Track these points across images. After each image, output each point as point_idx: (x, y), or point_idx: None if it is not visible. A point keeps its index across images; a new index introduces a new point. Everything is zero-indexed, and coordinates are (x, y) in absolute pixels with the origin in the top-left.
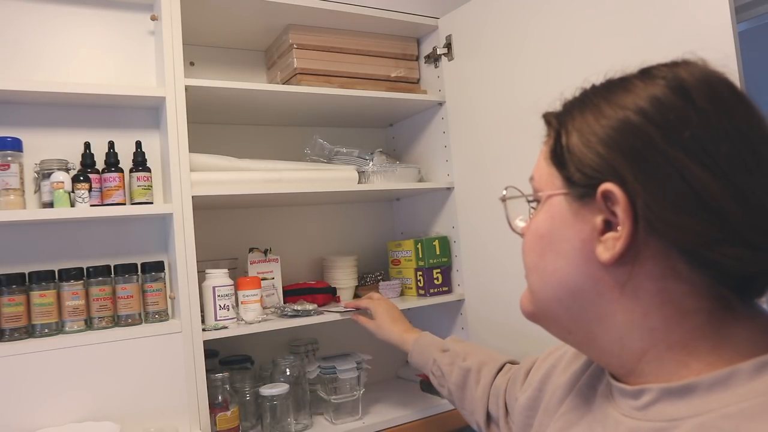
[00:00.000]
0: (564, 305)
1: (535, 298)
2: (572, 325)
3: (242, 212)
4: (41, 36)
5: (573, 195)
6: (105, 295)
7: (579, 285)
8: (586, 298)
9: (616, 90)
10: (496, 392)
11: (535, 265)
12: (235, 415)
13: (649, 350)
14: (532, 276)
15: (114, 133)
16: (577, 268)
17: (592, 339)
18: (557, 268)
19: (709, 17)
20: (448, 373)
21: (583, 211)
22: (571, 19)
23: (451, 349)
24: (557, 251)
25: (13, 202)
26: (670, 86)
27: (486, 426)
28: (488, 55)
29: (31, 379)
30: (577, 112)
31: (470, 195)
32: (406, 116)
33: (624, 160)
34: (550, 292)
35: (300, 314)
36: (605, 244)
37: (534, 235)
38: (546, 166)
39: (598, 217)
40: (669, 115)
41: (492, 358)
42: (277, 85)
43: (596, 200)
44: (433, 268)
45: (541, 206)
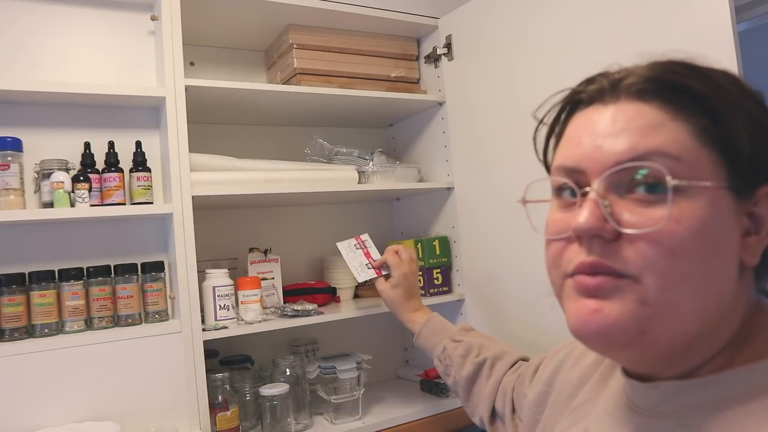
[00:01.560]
0: (707, 320)
1: (669, 318)
2: (684, 343)
3: (242, 212)
4: (41, 36)
5: (737, 190)
6: (105, 295)
7: (727, 293)
8: (724, 308)
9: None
10: (504, 389)
11: (700, 271)
12: (235, 415)
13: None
14: (683, 287)
15: (114, 133)
16: (731, 274)
17: (683, 354)
18: (722, 274)
19: (709, 17)
20: (459, 365)
21: (739, 210)
22: (571, 18)
23: (464, 340)
24: (723, 254)
25: (13, 202)
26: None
27: (490, 422)
28: (488, 55)
29: (31, 379)
30: (735, 90)
31: (470, 195)
32: (406, 116)
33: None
34: (703, 305)
35: (300, 314)
36: (749, 248)
37: (697, 234)
38: (698, 148)
39: (745, 218)
40: None
41: (505, 353)
42: (277, 85)
43: (755, 198)
44: (433, 268)
45: (698, 197)
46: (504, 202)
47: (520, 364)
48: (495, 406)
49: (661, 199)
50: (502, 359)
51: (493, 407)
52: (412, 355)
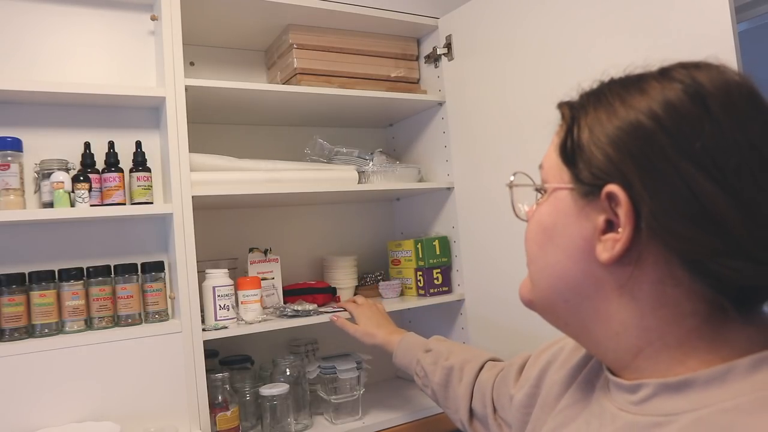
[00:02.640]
0: (562, 297)
1: (535, 288)
2: (569, 317)
3: (242, 212)
4: (41, 36)
5: (579, 191)
6: (105, 295)
7: (577, 281)
8: (583, 294)
9: (631, 89)
10: (482, 389)
11: (536, 255)
12: (235, 415)
13: (644, 348)
14: (533, 266)
15: (114, 133)
16: (577, 264)
17: (588, 332)
18: (557, 261)
19: (709, 17)
20: (431, 372)
21: (588, 209)
22: (571, 18)
23: (434, 348)
24: (558, 245)
25: (13, 202)
26: (687, 92)
27: (469, 423)
28: (488, 54)
29: (31, 379)
30: (591, 107)
31: (470, 195)
32: (406, 116)
33: (632, 164)
34: (549, 283)
35: (300, 314)
36: (605, 244)
37: (538, 225)
38: (555, 158)
39: (601, 217)
40: (682, 123)
41: (474, 356)
42: (277, 85)
43: (600, 200)
44: (433, 268)
45: (546, 197)
46: (504, 201)
47: (492, 364)
48: (473, 407)
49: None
50: (470, 362)
51: (471, 408)
52: None
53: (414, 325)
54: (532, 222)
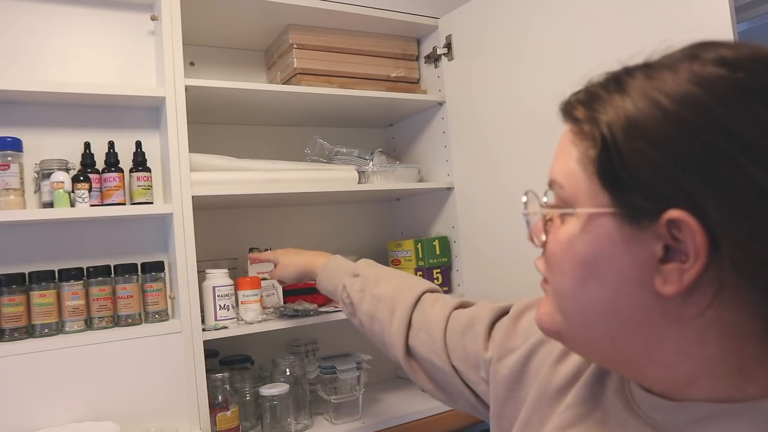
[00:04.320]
0: (607, 336)
1: (569, 324)
2: (612, 354)
3: (242, 212)
4: (41, 36)
5: (625, 216)
6: (105, 295)
7: (628, 316)
8: (634, 329)
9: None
10: (427, 328)
11: (573, 291)
12: (235, 415)
13: (701, 376)
14: (567, 303)
15: (114, 133)
16: (628, 298)
17: (632, 365)
18: (603, 296)
19: (709, 17)
20: (358, 301)
21: (639, 236)
22: (571, 18)
23: (362, 273)
24: (604, 279)
25: (13, 202)
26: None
27: (406, 360)
28: (488, 54)
29: (31, 379)
30: (617, 109)
31: (470, 195)
32: (406, 116)
33: (700, 184)
34: (590, 320)
35: (300, 314)
36: (666, 276)
37: (570, 257)
38: (584, 176)
39: (658, 244)
40: (752, 125)
41: (407, 285)
42: (277, 85)
43: (658, 225)
44: (433, 268)
45: (575, 223)
46: (504, 202)
47: (432, 297)
48: (410, 344)
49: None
50: (404, 292)
51: (407, 345)
52: None
53: None
54: (557, 251)
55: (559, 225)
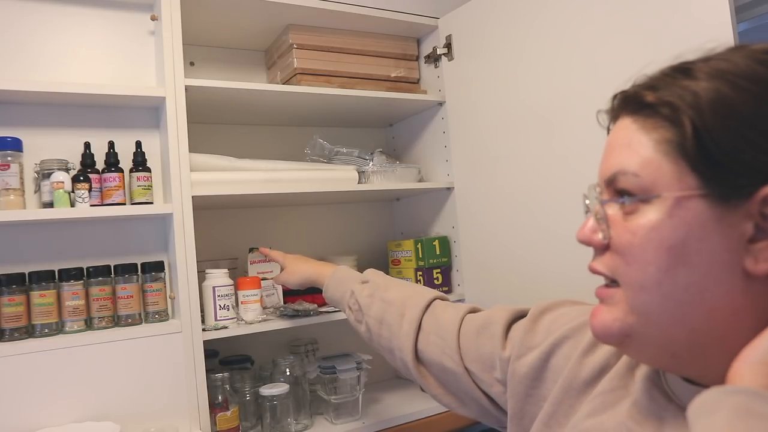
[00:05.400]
0: (688, 327)
1: (646, 321)
2: (685, 349)
3: (242, 212)
4: (41, 36)
5: (716, 197)
6: (105, 295)
7: (716, 302)
8: (717, 316)
9: (748, 60)
10: (437, 330)
11: (657, 282)
12: (235, 415)
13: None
14: (647, 295)
15: (114, 133)
16: (718, 283)
17: (699, 359)
18: (693, 283)
19: (709, 17)
20: (367, 305)
21: (730, 217)
22: (571, 19)
23: (371, 280)
24: (693, 264)
25: (13, 202)
26: None
27: (415, 365)
28: (488, 54)
29: (31, 379)
30: (701, 92)
31: (470, 195)
32: (406, 116)
33: None
34: (677, 313)
35: (300, 314)
36: (758, 254)
37: (655, 245)
38: (665, 161)
39: (749, 223)
40: None
41: (417, 292)
42: (277, 85)
43: (750, 203)
44: (433, 268)
45: (658, 210)
46: (504, 201)
47: (443, 304)
48: (419, 347)
49: (626, 212)
50: (413, 297)
51: (417, 349)
52: None
53: None
54: (635, 242)
55: (628, 216)
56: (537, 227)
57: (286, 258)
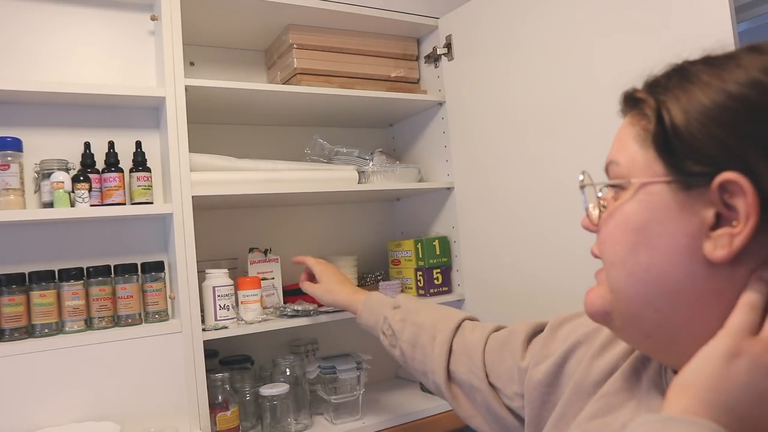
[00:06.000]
0: (653, 306)
1: (617, 297)
2: (655, 329)
3: (242, 212)
4: (41, 36)
5: (679, 183)
6: (105, 295)
7: (676, 285)
8: (680, 299)
9: (724, 65)
10: (467, 351)
11: (623, 260)
12: (235, 415)
13: None
14: (616, 272)
15: (114, 133)
16: (678, 266)
17: (672, 343)
18: (652, 263)
19: (709, 17)
20: (400, 330)
21: (691, 202)
22: (571, 18)
23: (403, 305)
24: (654, 246)
25: (13, 202)
26: None
27: (447, 386)
28: (488, 54)
29: (31, 379)
30: (678, 89)
31: (470, 195)
32: (406, 116)
33: (752, 146)
34: (638, 290)
35: (300, 314)
36: (717, 241)
37: (623, 225)
38: (640, 150)
39: (709, 210)
40: None
41: (447, 315)
42: (277, 85)
43: (710, 191)
44: (433, 268)
45: (630, 195)
46: (504, 201)
47: (471, 324)
48: (451, 368)
49: (614, 198)
50: (443, 320)
51: (449, 370)
52: None
53: None
54: (611, 223)
55: (614, 201)
56: (537, 227)
57: (323, 273)
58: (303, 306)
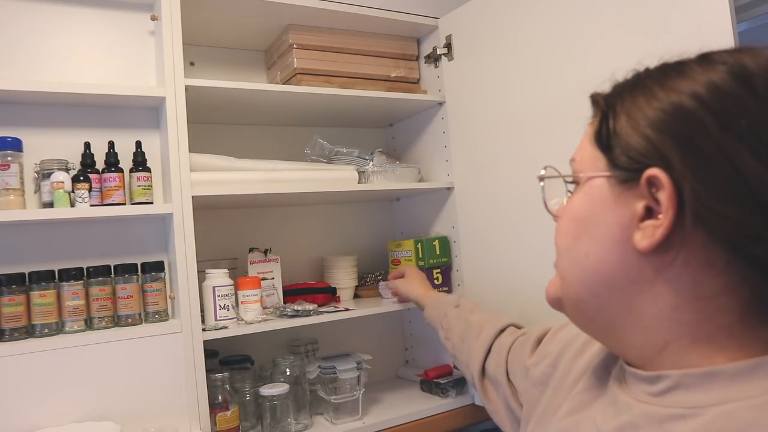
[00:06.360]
0: (593, 292)
1: (564, 284)
2: (597, 314)
3: (242, 212)
4: (41, 36)
5: (616, 178)
6: (105, 295)
7: (611, 271)
8: (616, 286)
9: (671, 74)
10: (499, 350)
11: (568, 248)
12: (235, 415)
13: (672, 343)
14: (563, 260)
15: (114, 133)
16: (612, 254)
17: (613, 328)
18: (591, 252)
19: (709, 17)
20: (455, 325)
21: (625, 196)
22: (571, 18)
23: (462, 305)
24: (593, 235)
25: (13, 202)
26: (731, 72)
27: (480, 380)
28: (488, 54)
29: (31, 379)
30: (627, 94)
31: (470, 195)
32: (406, 116)
33: (673, 146)
34: (580, 277)
35: (300, 314)
36: (644, 231)
37: (570, 217)
38: (590, 148)
39: (640, 203)
40: (726, 102)
41: (497, 318)
42: (277, 85)
43: (640, 185)
44: (433, 268)
45: (579, 188)
46: (504, 201)
47: (513, 329)
48: (486, 365)
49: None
50: (491, 321)
51: (484, 367)
52: (412, 355)
53: (414, 325)
54: (564, 215)
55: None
56: (537, 227)
57: (410, 270)
58: (303, 306)
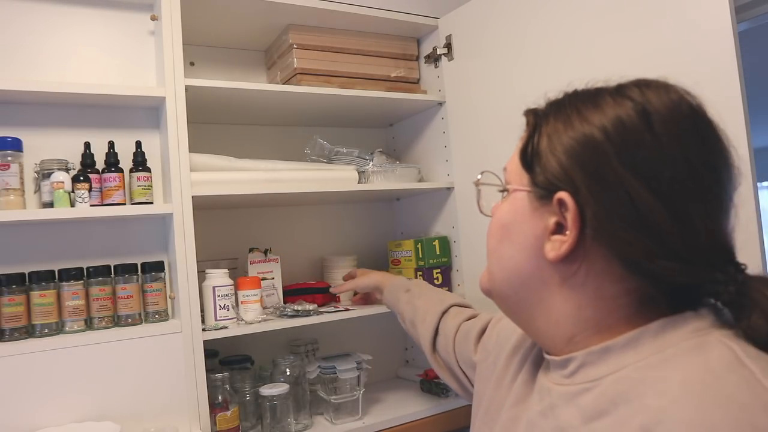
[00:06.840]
0: (513, 289)
1: (492, 279)
2: (517, 307)
3: (242, 212)
4: (41, 36)
5: (534, 194)
6: (105, 295)
7: (527, 273)
8: (531, 286)
9: (588, 104)
10: (445, 334)
11: (494, 249)
12: (235, 415)
13: (578, 334)
14: (491, 258)
15: (114, 133)
16: (528, 259)
17: (531, 319)
18: (511, 256)
19: (709, 18)
20: (405, 310)
21: (541, 210)
22: (571, 18)
23: (412, 289)
24: (513, 241)
25: (13, 202)
26: (635, 109)
27: (432, 355)
28: (488, 54)
29: (31, 379)
30: (552, 116)
31: (470, 195)
32: (406, 116)
33: (581, 174)
34: (503, 275)
35: (300, 314)
36: (553, 244)
37: (497, 222)
38: (517, 162)
39: (552, 219)
40: (627, 136)
41: (440, 300)
42: (277, 85)
43: (552, 204)
44: (433, 268)
45: (507, 196)
46: None
47: (456, 310)
48: (436, 347)
49: None
50: (436, 305)
51: (434, 346)
52: (412, 355)
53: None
54: (493, 219)
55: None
56: None
57: (357, 270)
58: (303, 306)
